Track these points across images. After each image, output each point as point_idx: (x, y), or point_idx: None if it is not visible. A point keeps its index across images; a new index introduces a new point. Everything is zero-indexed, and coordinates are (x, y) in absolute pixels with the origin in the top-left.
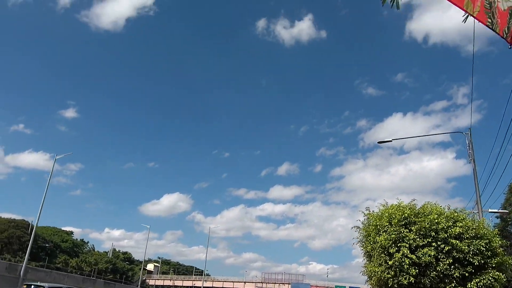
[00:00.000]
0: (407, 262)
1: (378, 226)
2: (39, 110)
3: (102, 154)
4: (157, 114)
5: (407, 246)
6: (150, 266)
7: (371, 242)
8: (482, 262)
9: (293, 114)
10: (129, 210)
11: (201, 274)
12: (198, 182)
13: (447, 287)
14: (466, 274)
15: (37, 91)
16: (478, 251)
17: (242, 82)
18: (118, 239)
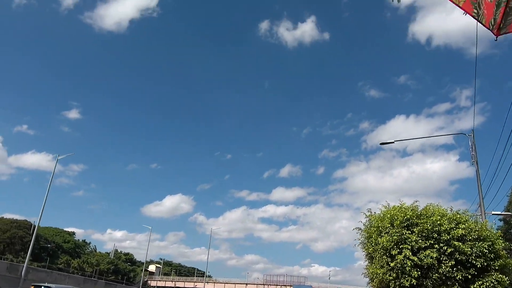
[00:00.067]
0: (409, 264)
1: (380, 228)
2: (43, 111)
3: (105, 155)
4: (160, 115)
5: (409, 248)
6: (152, 267)
7: (373, 244)
8: (485, 264)
9: (295, 116)
10: (131, 211)
11: (203, 275)
12: (200, 184)
13: None
14: (469, 277)
15: (40, 92)
16: (481, 253)
17: (245, 84)
18: (120, 240)
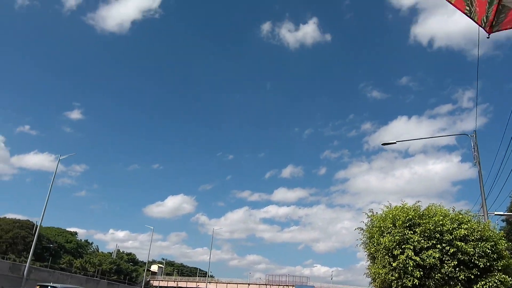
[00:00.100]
0: (411, 264)
1: (382, 228)
2: (45, 111)
3: (107, 155)
4: (162, 116)
5: (412, 248)
6: (154, 267)
7: (375, 244)
8: (488, 264)
9: (297, 117)
10: (133, 211)
11: (205, 275)
12: (202, 184)
13: None
14: (472, 277)
15: (42, 93)
16: (483, 254)
17: (247, 85)
18: (122, 240)
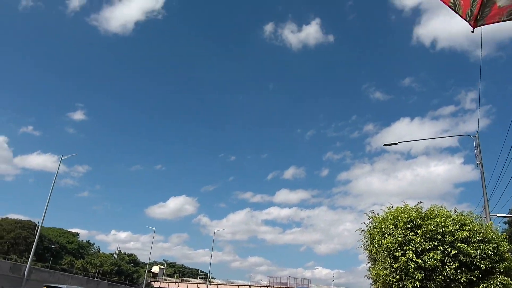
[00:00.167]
0: (413, 266)
1: (383, 229)
2: (48, 112)
3: (110, 156)
4: (164, 117)
5: (413, 249)
6: (155, 269)
7: (376, 245)
8: (490, 266)
9: (300, 118)
10: (135, 212)
11: (206, 277)
12: (204, 185)
13: None
14: (474, 279)
15: (46, 93)
16: (485, 256)
17: (249, 86)
18: (124, 241)
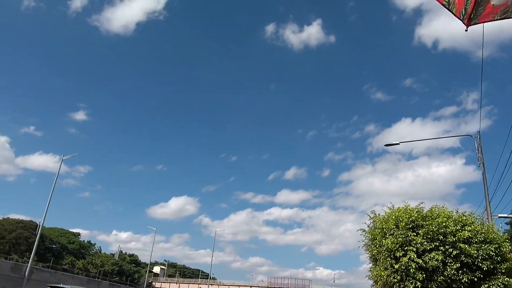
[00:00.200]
0: (414, 266)
1: (385, 229)
2: (50, 113)
3: (111, 156)
4: (166, 117)
5: (414, 250)
6: (156, 269)
7: (377, 246)
8: (492, 267)
9: (301, 118)
10: (137, 212)
11: (207, 277)
12: (205, 185)
13: None
14: (475, 279)
15: (47, 94)
16: (487, 256)
17: (251, 86)
18: (125, 242)
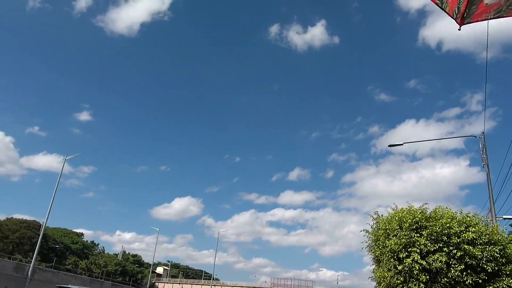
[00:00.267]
0: (417, 268)
1: (388, 230)
2: (54, 113)
3: (115, 157)
4: (170, 117)
5: (418, 251)
6: (159, 269)
7: (380, 247)
8: (496, 269)
9: (305, 119)
10: (140, 213)
11: (210, 278)
12: (209, 186)
13: None
14: (479, 281)
15: (52, 94)
16: (492, 258)
17: (254, 87)
18: (129, 242)
